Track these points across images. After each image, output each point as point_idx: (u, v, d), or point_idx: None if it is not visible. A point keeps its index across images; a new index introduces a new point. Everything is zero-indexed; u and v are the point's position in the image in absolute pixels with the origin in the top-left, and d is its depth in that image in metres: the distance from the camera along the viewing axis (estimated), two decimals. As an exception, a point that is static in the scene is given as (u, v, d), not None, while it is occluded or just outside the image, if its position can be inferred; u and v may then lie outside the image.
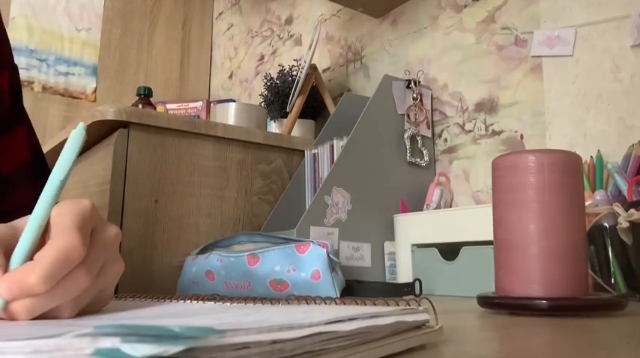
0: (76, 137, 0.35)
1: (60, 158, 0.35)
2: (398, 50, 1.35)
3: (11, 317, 0.31)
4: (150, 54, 2.20)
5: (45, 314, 0.32)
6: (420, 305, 0.32)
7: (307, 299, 0.38)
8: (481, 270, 0.84)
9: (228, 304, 0.39)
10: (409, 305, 0.32)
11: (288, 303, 0.37)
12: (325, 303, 0.36)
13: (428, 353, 0.29)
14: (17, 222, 0.36)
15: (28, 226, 0.34)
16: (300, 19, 1.78)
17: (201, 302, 0.41)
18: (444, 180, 1.14)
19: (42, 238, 0.33)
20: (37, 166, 0.63)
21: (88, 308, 0.35)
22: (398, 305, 0.32)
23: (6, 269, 0.32)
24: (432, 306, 0.33)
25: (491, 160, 0.60)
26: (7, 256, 0.33)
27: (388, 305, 0.32)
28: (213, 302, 0.40)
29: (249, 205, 1.14)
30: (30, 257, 0.33)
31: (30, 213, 0.40)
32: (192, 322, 0.27)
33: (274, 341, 0.20)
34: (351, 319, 0.25)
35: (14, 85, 0.61)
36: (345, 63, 1.53)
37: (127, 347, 0.16)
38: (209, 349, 0.18)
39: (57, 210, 0.34)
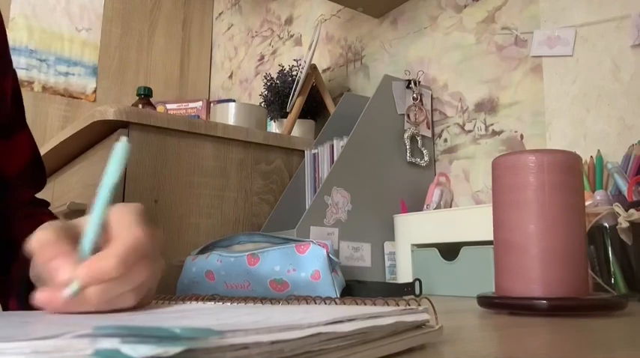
0: (119, 150, 0.40)
1: (107, 168, 0.39)
2: (398, 50, 1.35)
3: (82, 303, 0.34)
4: (150, 54, 2.20)
5: (111, 303, 0.34)
6: (420, 305, 0.32)
7: (307, 299, 0.38)
8: (481, 270, 0.84)
9: (229, 304, 0.39)
10: (409, 305, 0.32)
11: (289, 303, 0.37)
12: (325, 303, 0.36)
13: (428, 353, 0.29)
14: (75, 221, 0.40)
15: (91, 222, 0.37)
16: (300, 19, 1.78)
17: (201, 302, 0.41)
18: (444, 180, 1.14)
19: (103, 235, 0.37)
20: (36, 168, 0.65)
21: (140, 302, 0.37)
22: (398, 305, 0.32)
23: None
24: (432, 306, 0.33)
25: (491, 160, 0.60)
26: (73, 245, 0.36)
27: (388, 305, 0.32)
28: (213, 303, 0.40)
29: (249, 205, 1.14)
30: (95, 249, 0.36)
31: (31, 211, 0.40)
32: (192, 322, 0.27)
33: (273, 342, 0.20)
34: (350, 320, 0.25)
35: (16, 89, 0.62)
36: (345, 63, 1.53)
37: (127, 348, 0.16)
38: (209, 350, 0.18)
39: (117, 210, 0.38)
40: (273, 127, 1.47)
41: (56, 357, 0.17)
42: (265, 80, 1.49)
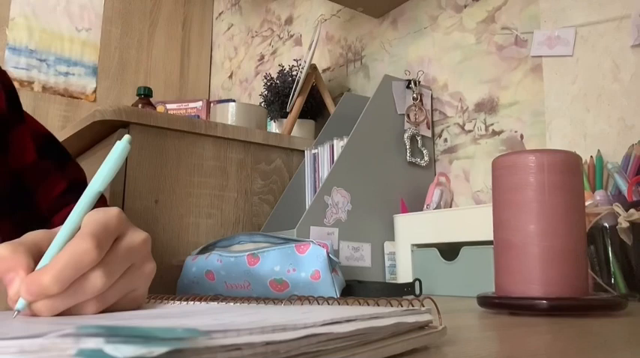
0: (120, 149, 0.38)
1: (101, 168, 0.38)
2: (398, 50, 1.35)
3: (34, 315, 0.33)
4: (150, 54, 2.20)
5: (69, 311, 0.34)
6: (423, 305, 0.32)
7: (310, 299, 0.38)
8: (481, 270, 0.84)
9: (232, 304, 0.39)
10: (412, 306, 0.31)
11: (291, 303, 0.37)
12: (328, 303, 0.36)
13: (430, 354, 0.29)
14: (57, 229, 0.38)
15: (60, 232, 0.36)
16: (300, 19, 1.78)
17: (204, 303, 0.40)
18: (444, 180, 1.14)
19: None
20: (53, 158, 0.65)
21: (118, 307, 0.37)
22: (401, 306, 0.31)
23: (30, 272, 0.34)
24: (436, 306, 0.33)
25: (491, 160, 0.60)
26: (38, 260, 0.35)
27: (391, 305, 0.32)
28: (213, 302, 0.40)
29: (249, 205, 1.14)
30: None
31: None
32: (191, 322, 0.27)
33: (267, 343, 0.20)
34: (348, 320, 0.25)
35: (8, 89, 0.62)
36: (345, 63, 1.53)
37: (110, 348, 0.16)
38: (198, 350, 0.17)
39: (86, 218, 0.36)
40: (273, 127, 1.47)
41: (42, 357, 0.17)
42: (265, 80, 1.49)
